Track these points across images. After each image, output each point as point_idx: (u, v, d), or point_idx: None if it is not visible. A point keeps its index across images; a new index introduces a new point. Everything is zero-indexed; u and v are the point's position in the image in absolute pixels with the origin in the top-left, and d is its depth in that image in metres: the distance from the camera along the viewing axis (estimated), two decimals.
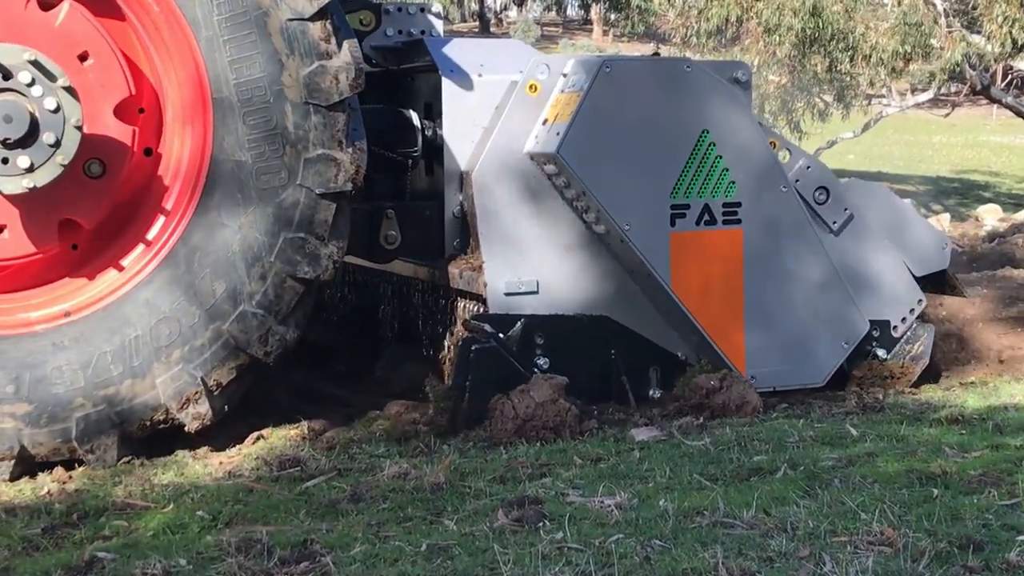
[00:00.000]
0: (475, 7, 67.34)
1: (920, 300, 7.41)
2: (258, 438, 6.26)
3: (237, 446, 6.16)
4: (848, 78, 24.44)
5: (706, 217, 6.81)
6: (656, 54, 7.45)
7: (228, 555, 4.30)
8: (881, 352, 7.32)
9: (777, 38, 23.02)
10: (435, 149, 7.02)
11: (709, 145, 6.76)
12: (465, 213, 6.86)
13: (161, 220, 5.96)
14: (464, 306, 6.95)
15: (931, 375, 7.43)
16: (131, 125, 5.88)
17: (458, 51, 7.06)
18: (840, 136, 27.98)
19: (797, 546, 4.11)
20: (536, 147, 6.67)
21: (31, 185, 5.60)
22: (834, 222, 7.18)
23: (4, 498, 5.42)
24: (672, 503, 4.66)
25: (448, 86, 6.88)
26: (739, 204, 6.85)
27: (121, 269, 5.97)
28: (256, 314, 5.92)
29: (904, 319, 7.35)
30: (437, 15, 7.94)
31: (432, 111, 7.06)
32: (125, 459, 5.94)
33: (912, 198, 29.63)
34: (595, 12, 57.45)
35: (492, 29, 65.62)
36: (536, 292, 6.70)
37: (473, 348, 6.33)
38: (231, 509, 4.99)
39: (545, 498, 4.87)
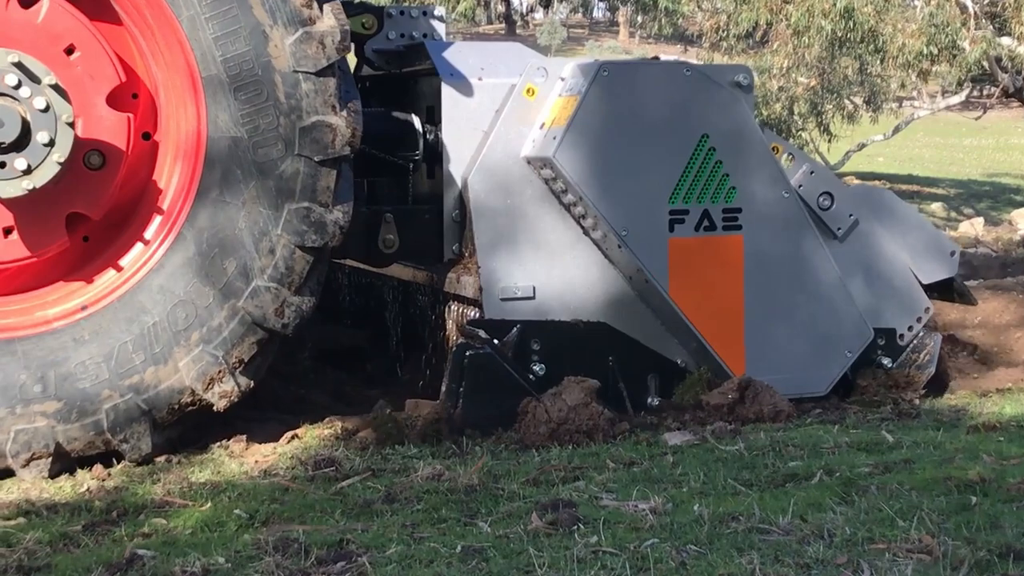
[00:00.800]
0: (501, 9, 67.42)
1: (927, 308, 7.34)
2: (292, 437, 6.28)
3: (272, 445, 6.18)
4: (879, 80, 24.37)
5: (705, 223, 6.74)
6: (656, 58, 7.38)
7: (266, 554, 4.32)
8: (886, 361, 7.22)
9: (807, 40, 22.98)
10: (436, 153, 6.97)
11: (709, 150, 6.69)
12: (464, 217, 6.84)
13: (166, 205, 5.98)
14: (462, 311, 6.93)
15: (939, 384, 7.35)
16: (126, 112, 5.90)
17: (458, 55, 7.02)
18: (870, 139, 27.92)
19: (835, 553, 4.09)
20: (533, 151, 6.62)
21: (31, 187, 5.63)
22: (839, 228, 7.11)
23: (45, 495, 5.47)
24: (707, 508, 4.64)
25: (448, 90, 6.83)
26: (739, 210, 6.78)
27: (132, 258, 5.99)
28: (269, 288, 5.92)
29: (911, 327, 7.28)
30: (440, 19, 7.92)
31: (434, 115, 7.03)
32: (162, 456, 5.98)
33: (943, 201, 29.62)
34: (622, 14, 57.52)
35: (518, 31, 65.69)
36: (532, 298, 6.65)
37: (467, 354, 6.29)
38: (267, 508, 5.01)
39: (579, 501, 4.87)
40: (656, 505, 4.73)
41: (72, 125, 5.67)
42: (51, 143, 5.64)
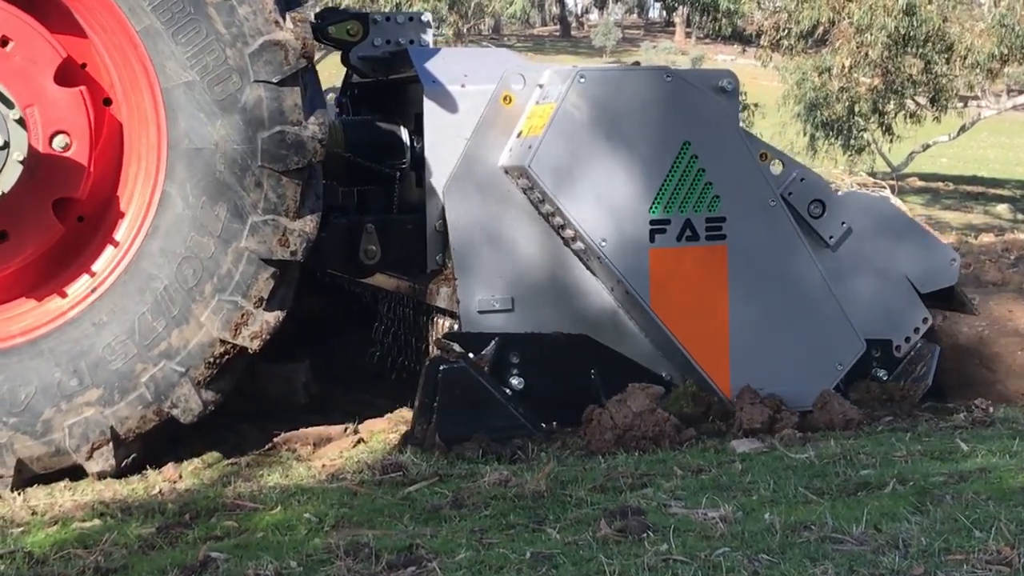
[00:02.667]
0: (556, 11, 67.42)
1: (926, 319, 7.16)
2: (358, 441, 6.30)
3: (339, 449, 6.20)
4: (944, 80, 24.18)
5: (688, 233, 6.56)
6: (636, 63, 7.20)
7: (337, 558, 4.34)
8: (882, 373, 7.04)
9: (869, 38, 22.83)
10: (423, 162, 6.84)
11: (691, 158, 6.52)
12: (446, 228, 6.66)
13: (144, 165, 5.94)
14: (443, 323, 6.81)
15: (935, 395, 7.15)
16: (77, 85, 5.85)
17: (442, 61, 6.92)
18: (934, 139, 27.69)
19: (911, 564, 4.04)
20: (509, 161, 6.49)
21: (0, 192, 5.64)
22: (831, 236, 6.91)
23: (118, 497, 5.52)
24: (778, 517, 4.60)
25: (430, 97, 6.70)
26: (723, 219, 6.60)
27: (125, 228, 5.98)
28: (267, 221, 5.86)
29: (908, 339, 7.10)
30: (427, 24, 7.79)
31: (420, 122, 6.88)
32: (229, 460, 6.02)
33: (1009, 203, 29.33)
34: (678, 14, 57.36)
35: (573, 32, 65.68)
36: (511, 310, 6.51)
37: (441, 368, 6.15)
38: (336, 512, 5.03)
39: (647, 509, 4.85)
40: (726, 513, 4.70)
41: (21, 122, 5.64)
42: (5, 145, 5.63)
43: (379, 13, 7.85)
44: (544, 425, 6.36)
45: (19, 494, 5.66)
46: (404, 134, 7.05)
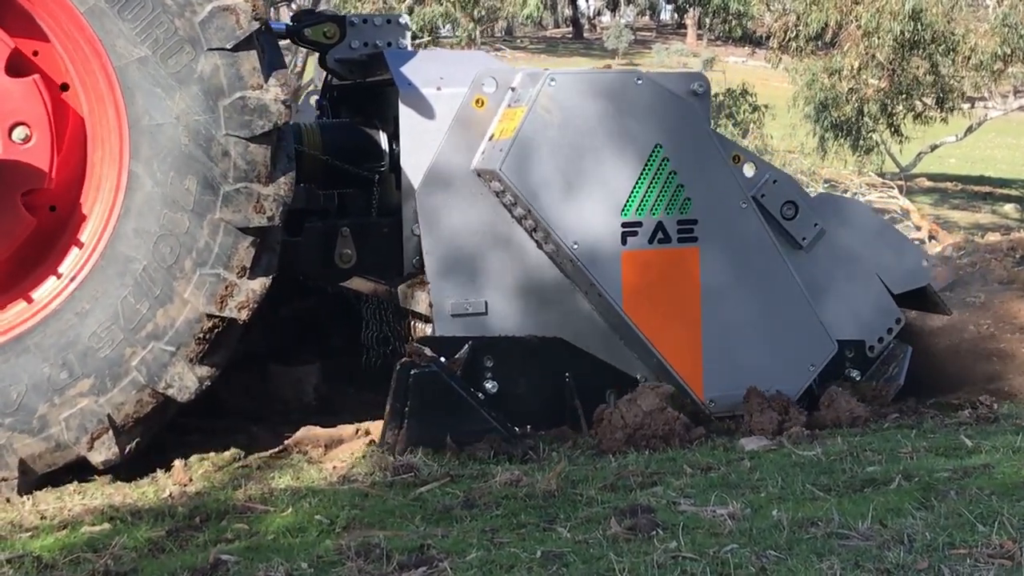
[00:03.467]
0: (568, 13, 67.43)
1: (898, 319, 7.19)
2: (370, 443, 6.32)
3: (350, 451, 6.23)
4: (951, 81, 24.17)
5: (660, 235, 6.57)
6: (608, 67, 7.12)
7: (348, 559, 4.36)
8: (855, 373, 7.09)
9: (876, 40, 22.83)
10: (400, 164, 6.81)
11: (662, 160, 6.52)
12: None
13: (108, 147, 5.86)
14: (420, 327, 6.80)
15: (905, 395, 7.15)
16: (31, 74, 5.80)
17: (418, 64, 6.89)
18: (942, 140, 27.68)
19: (915, 558, 4.07)
20: (481, 164, 6.47)
21: None
22: (803, 238, 6.93)
23: (128, 500, 5.54)
24: (785, 513, 4.63)
25: (405, 100, 6.66)
26: (695, 221, 6.61)
27: (98, 213, 5.91)
28: (239, 189, 5.79)
29: (881, 339, 7.13)
30: (405, 27, 7.75)
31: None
32: (239, 462, 6.04)
33: (1017, 203, 29.30)
34: (689, 16, 57.35)
35: (586, 34, 65.68)
36: (485, 313, 6.50)
37: (412, 373, 6.11)
38: (348, 514, 5.05)
39: (657, 507, 4.88)
40: (735, 510, 4.73)
41: None
42: None
43: (356, 15, 7.76)
44: (518, 429, 6.34)
45: (28, 498, 5.67)
46: (382, 137, 7.03)
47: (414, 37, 23.24)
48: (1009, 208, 29.41)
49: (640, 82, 6.54)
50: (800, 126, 26.54)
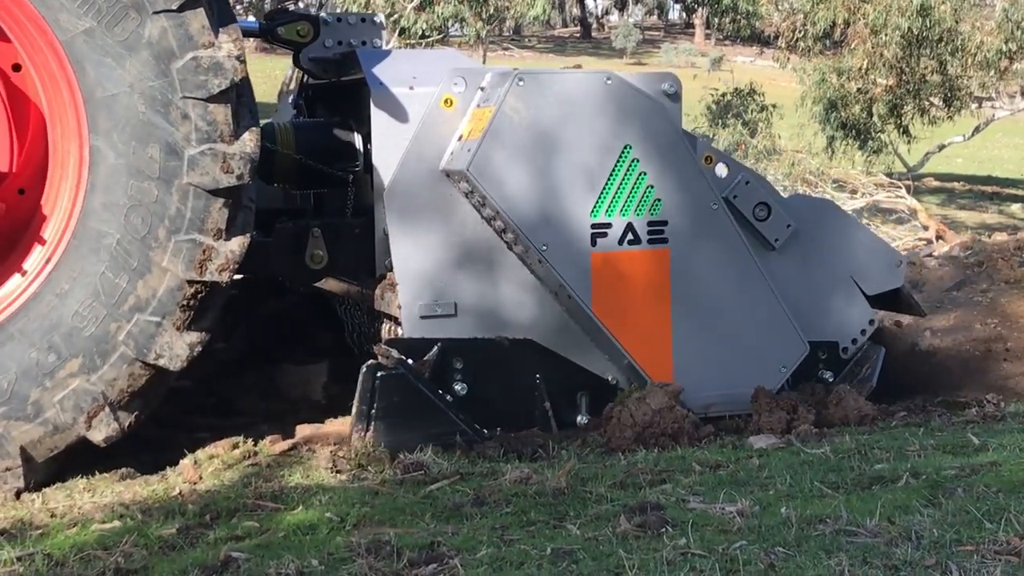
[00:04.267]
0: (576, 12, 67.45)
1: (872, 320, 7.15)
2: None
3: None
4: (958, 80, 24.15)
5: (630, 236, 6.52)
6: (578, 67, 7.02)
7: (358, 556, 4.38)
8: (828, 375, 7.05)
9: (884, 38, 22.81)
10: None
11: (632, 161, 6.47)
12: None
13: (67, 124, 5.77)
14: (390, 328, 6.73)
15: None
16: None
17: (390, 63, 6.82)
18: (949, 140, 27.65)
19: (923, 555, 4.10)
20: (450, 164, 6.42)
21: None
22: (776, 239, 6.89)
23: (138, 498, 5.55)
24: (794, 510, 4.65)
25: (377, 99, 6.60)
26: (665, 223, 6.56)
27: (66, 190, 5.83)
28: (204, 152, 5.70)
29: (855, 340, 7.10)
30: (380, 26, 7.69)
31: None
32: (251, 462, 6.05)
33: (1023, 203, 29.25)
34: (697, 16, 57.36)
35: (594, 34, 65.68)
36: (454, 315, 6.45)
37: (379, 375, 6.09)
38: (358, 511, 5.06)
39: (666, 504, 4.90)
40: (743, 508, 4.75)
41: None
42: None
43: (331, 14, 7.71)
44: (487, 431, 6.33)
45: (38, 496, 5.69)
46: (357, 137, 6.97)
47: (423, 36, 23.25)
48: (1016, 208, 29.33)
49: (610, 82, 6.48)
50: (807, 126, 26.52)
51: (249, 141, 5.83)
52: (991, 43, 22.66)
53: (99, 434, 5.79)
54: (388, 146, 6.58)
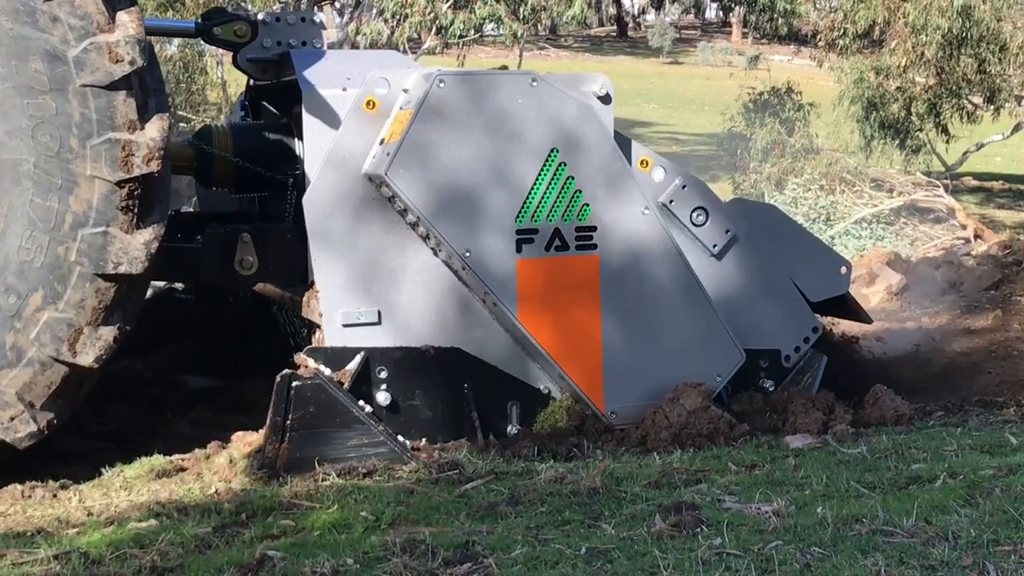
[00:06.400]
0: (612, 11, 67.36)
1: (815, 328, 6.98)
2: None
3: None
4: (999, 79, 24.01)
5: (557, 242, 6.33)
6: (504, 67, 6.84)
7: (394, 555, 4.39)
8: (769, 384, 6.91)
9: (924, 38, 22.70)
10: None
11: (559, 165, 6.28)
12: None
13: None
14: (320, 337, 6.47)
15: None
16: None
17: (325, 64, 6.70)
18: (988, 138, 27.48)
19: (960, 555, 4.08)
20: (371, 168, 6.22)
21: None
22: (714, 245, 6.73)
23: (174, 497, 5.57)
24: (830, 510, 4.64)
25: (308, 102, 6.43)
26: (594, 228, 6.37)
27: None
28: (87, 49, 5.47)
29: (797, 348, 6.94)
30: (320, 25, 7.58)
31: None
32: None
33: None
34: (734, 15, 57.19)
35: (630, 33, 65.59)
36: (378, 323, 6.28)
37: (293, 385, 5.91)
38: (393, 510, 5.07)
39: (701, 504, 4.89)
40: (779, 507, 4.74)
41: None
42: None
43: (269, 13, 7.60)
44: (410, 443, 6.19)
45: (75, 494, 5.72)
46: (297, 140, 6.83)
47: (460, 36, 23.28)
48: None
49: (535, 84, 6.31)
50: (844, 124, 26.40)
51: (131, 23, 5.59)
52: None
53: (87, 357, 5.68)
54: (320, 149, 6.38)
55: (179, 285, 8.59)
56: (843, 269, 7.11)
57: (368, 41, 23.19)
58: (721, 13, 64.08)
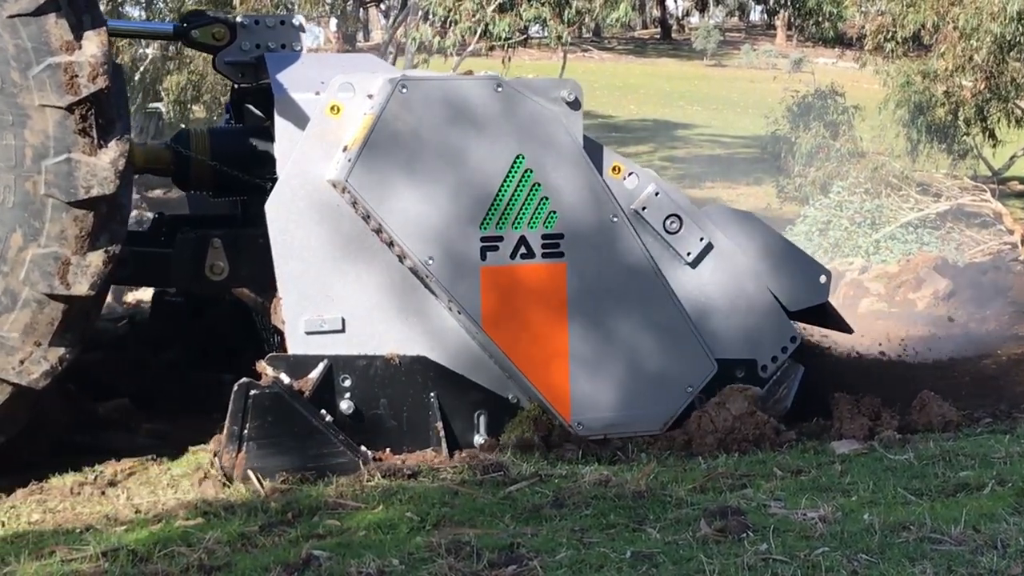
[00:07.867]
0: (657, 13, 67.29)
1: (793, 338, 6.79)
2: None
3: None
4: None
5: (522, 250, 6.23)
6: (469, 72, 6.73)
7: (439, 556, 4.40)
8: None
9: (974, 42, 22.55)
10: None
11: (525, 172, 6.19)
12: None
13: None
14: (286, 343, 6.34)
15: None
16: None
17: (299, 68, 6.64)
18: None
19: (1008, 564, 4.05)
20: (333, 174, 6.11)
21: None
22: (688, 253, 6.55)
23: (221, 496, 5.60)
24: (877, 517, 4.61)
25: (280, 106, 6.36)
26: (561, 236, 6.27)
27: None
28: (14, 19, 5.36)
29: (775, 358, 6.74)
30: (299, 28, 7.52)
31: None
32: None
33: None
34: (779, 17, 57.02)
35: (674, 36, 65.49)
36: (342, 331, 6.17)
37: (251, 394, 5.78)
38: (438, 511, 5.08)
39: (747, 509, 4.88)
40: (825, 514, 4.71)
41: None
42: None
43: (248, 16, 7.59)
44: (373, 453, 6.08)
45: (123, 492, 5.76)
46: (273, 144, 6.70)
47: (505, 39, 23.34)
48: None
49: (500, 89, 6.21)
50: (890, 128, 26.28)
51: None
52: None
53: (82, 286, 5.62)
54: (291, 154, 6.29)
55: None
56: (823, 278, 6.94)
57: (416, 45, 23.30)
58: (766, 16, 63.93)
